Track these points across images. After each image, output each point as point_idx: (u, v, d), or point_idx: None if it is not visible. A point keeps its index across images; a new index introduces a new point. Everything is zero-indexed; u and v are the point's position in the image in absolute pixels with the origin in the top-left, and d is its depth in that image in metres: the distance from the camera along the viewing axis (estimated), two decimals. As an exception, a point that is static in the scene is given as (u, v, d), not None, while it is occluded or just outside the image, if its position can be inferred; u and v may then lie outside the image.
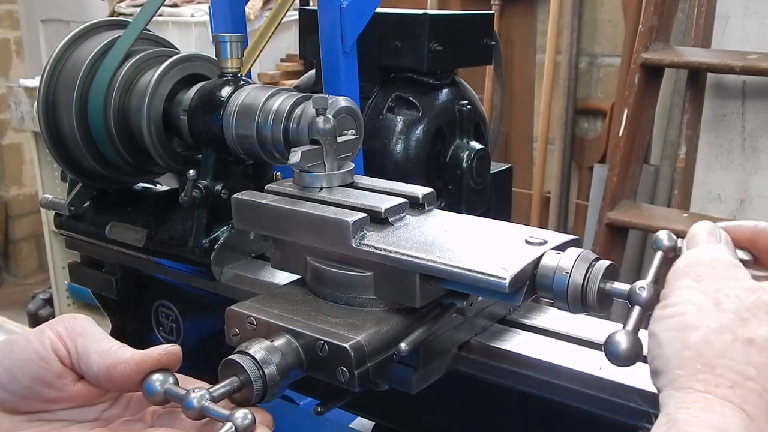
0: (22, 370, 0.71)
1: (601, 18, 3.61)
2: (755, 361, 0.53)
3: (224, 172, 1.02)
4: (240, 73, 1.01)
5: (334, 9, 1.32)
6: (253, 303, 0.81)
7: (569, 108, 3.66)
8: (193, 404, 0.67)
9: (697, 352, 0.55)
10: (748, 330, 0.55)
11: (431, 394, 0.83)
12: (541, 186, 3.80)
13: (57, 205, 1.18)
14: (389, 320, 0.77)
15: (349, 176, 0.87)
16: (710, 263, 0.62)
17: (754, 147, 2.89)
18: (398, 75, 1.45)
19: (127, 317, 1.20)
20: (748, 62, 2.67)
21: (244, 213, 0.85)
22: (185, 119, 1.02)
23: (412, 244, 0.75)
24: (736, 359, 0.54)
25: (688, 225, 2.58)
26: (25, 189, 5.31)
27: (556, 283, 0.70)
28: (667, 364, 0.57)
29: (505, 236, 0.77)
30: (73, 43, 1.10)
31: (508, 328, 0.86)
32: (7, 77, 5.04)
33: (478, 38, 1.53)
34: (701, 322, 0.57)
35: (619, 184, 2.96)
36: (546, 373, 0.78)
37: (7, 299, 4.95)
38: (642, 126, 2.99)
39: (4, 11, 5.13)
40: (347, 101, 0.92)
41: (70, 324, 0.73)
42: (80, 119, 1.06)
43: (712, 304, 0.58)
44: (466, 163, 1.43)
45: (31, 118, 3.71)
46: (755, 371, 0.53)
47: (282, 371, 0.72)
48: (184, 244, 1.04)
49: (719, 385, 0.53)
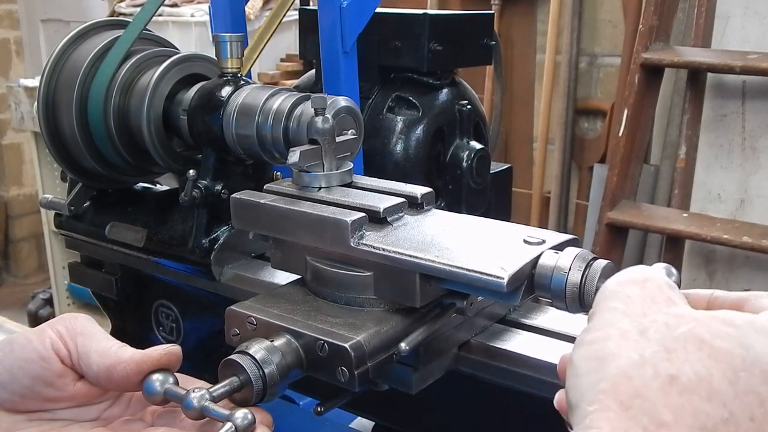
0: (22, 369, 0.71)
1: (601, 18, 3.62)
2: (674, 404, 0.46)
3: (224, 172, 1.02)
4: (240, 73, 1.01)
5: (334, 9, 1.32)
6: (253, 303, 0.81)
7: (569, 108, 3.66)
8: (193, 404, 0.67)
9: (613, 386, 0.48)
10: (672, 365, 0.47)
11: (431, 394, 0.83)
12: (541, 186, 3.80)
13: (57, 205, 1.18)
14: (389, 320, 0.77)
15: (347, 176, 0.87)
16: (642, 283, 0.54)
17: (754, 147, 2.89)
18: (398, 75, 1.45)
19: (127, 317, 1.20)
20: (748, 62, 2.67)
21: (242, 213, 0.85)
22: (185, 119, 1.02)
23: (410, 244, 0.75)
24: (653, 400, 0.46)
25: (688, 225, 2.59)
26: (25, 189, 5.31)
27: (554, 282, 0.70)
28: (580, 397, 0.50)
29: (504, 236, 0.77)
30: (73, 43, 1.10)
31: (508, 327, 0.86)
32: (7, 77, 5.05)
33: (478, 38, 1.53)
34: (623, 351, 0.49)
35: (619, 184, 2.96)
36: (546, 373, 0.78)
37: (7, 299, 4.95)
38: (642, 126, 2.99)
39: (4, 11, 5.13)
40: (347, 101, 0.92)
41: (71, 323, 0.73)
42: (80, 119, 1.06)
43: (638, 331, 0.50)
44: (466, 163, 1.43)
45: (31, 118, 3.72)
46: (672, 416, 0.45)
47: (282, 371, 0.72)
48: (184, 244, 1.04)
49: (630, 428, 0.46)
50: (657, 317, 0.51)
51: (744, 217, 2.89)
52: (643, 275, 0.55)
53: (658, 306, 0.52)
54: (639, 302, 0.52)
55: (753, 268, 2.88)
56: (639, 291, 0.53)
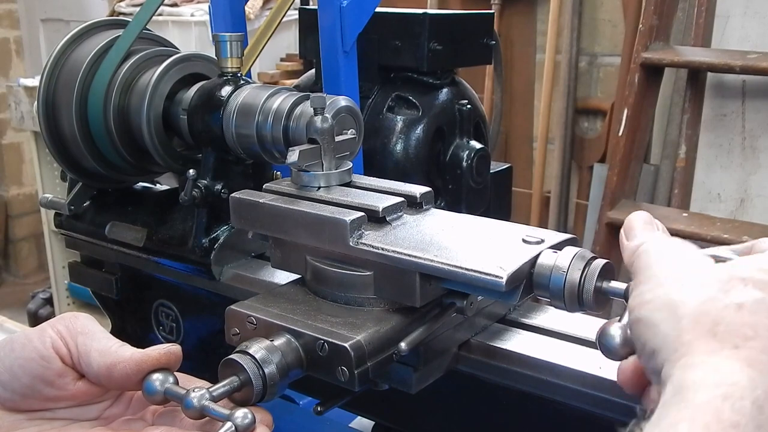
0: (22, 368, 0.71)
1: (601, 18, 3.61)
2: (750, 322, 0.55)
3: (224, 171, 1.02)
4: (240, 73, 1.01)
5: (334, 9, 1.32)
6: (253, 302, 0.81)
7: (569, 108, 3.66)
8: (193, 404, 0.67)
9: (694, 320, 0.56)
10: (735, 297, 0.56)
11: (431, 394, 0.83)
12: (541, 186, 3.80)
13: (57, 204, 1.18)
14: (389, 320, 0.77)
15: (347, 175, 0.87)
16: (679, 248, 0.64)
17: (754, 147, 2.89)
18: (398, 74, 1.45)
19: (127, 317, 1.20)
20: (748, 62, 2.67)
21: (241, 212, 0.85)
22: (185, 119, 1.02)
23: (409, 243, 0.75)
24: (733, 322, 0.55)
25: (688, 224, 2.58)
26: (25, 189, 5.31)
27: (553, 281, 0.70)
28: (664, 339, 0.57)
29: (503, 235, 0.77)
30: (73, 42, 1.10)
31: (508, 327, 0.86)
32: (7, 77, 5.04)
33: (478, 38, 1.53)
34: (688, 297, 0.57)
35: (619, 184, 2.96)
36: (546, 373, 0.78)
37: (7, 299, 4.95)
38: (642, 125, 2.99)
39: (4, 11, 5.13)
40: (347, 101, 0.92)
41: (71, 322, 0.73)
42: (80, 119, 1.06)
43: (693, 281, 0.59)
44: (466, 162, 1.43)
45: (31, 118, 3.72)
46: (752, 332, 0.54)
47: (282, 371, 0.72)
48: (184, 243, 1.04)
49: (723, 347, 0.54)
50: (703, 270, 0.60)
51: (744, 216, 2.89)
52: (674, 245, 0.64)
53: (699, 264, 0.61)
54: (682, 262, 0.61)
55: (753, 267, 2.87)
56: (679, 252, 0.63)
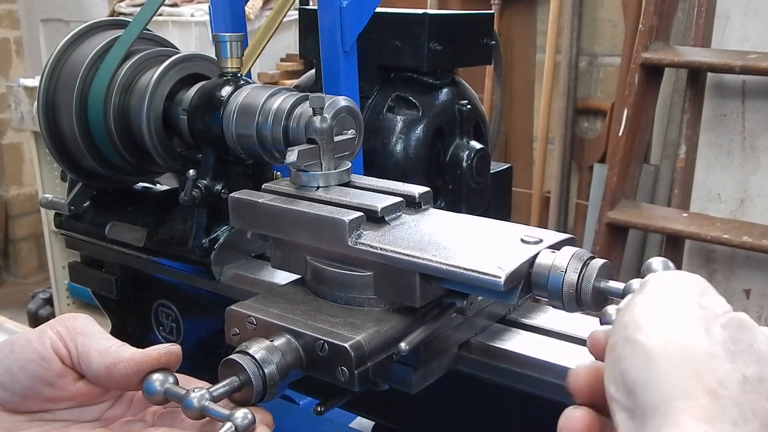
0: (22, 369, 0.71)
1: (601, 18, 3.62)
2: (750, 401, 0.48)
3: (224, 171, 1.02)
4: (240, 73, 1.01)
5: (334, 9, 1.32)
6: (253, 303, 0.81)
7: (569, 108, 3.66)
8: (193, 404, 0.67)
9: (697, 372, 0.48)
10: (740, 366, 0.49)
11: (431, 394, 0.83)
12: (541, 186, 3.80)
13: (57, 204, 1.18)
14: (389, 320, 0.77)
15: (345, 175, 0.87)
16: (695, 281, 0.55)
17: (754, 147, 2.88)
18: (398, 75, 1.45)
19: (127, 317, 1.20)
20: (748, 62, 2.67)
21: (241, 212, 0.85)
22: (185, 119, 1.02)
23: (408, 243, 0.75)
24: (737, 393, 0.48)
25: (688, 224, 2.58)
26: (25, 189, 5.31)
27: (551, 281, 0.70)
28: (657, 377, 0.48)
29: (501, 235, 0.77)
30: (73, 42, 1.10)
31: (508, 327, 0.86)
32: (7, 77, 5.04)
33: (478, 38, 1.53)
34: (694, 341, 0.49)
35: (619, 184, 2.96)
36: (546, 373, 0.78)
37: (7, 299, 4.95)
38: (642, 126, 2.99)
39: (4, 11, 5.13)
40: (347, 101, 0.92)
41: (71, 323, 0.73)
42: (80, 119, 1.06)
43: (701, 325, 0.51)
44: (466, 162, 1.43)
45: (31, 118, 3.72)
46: (751, 412, 0.47)
47: (282, 371, 0.72)
48: (184, 243, 1.04)
49: (722, 419, 0.46)
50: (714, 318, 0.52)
51: (744, 216, 2.88)
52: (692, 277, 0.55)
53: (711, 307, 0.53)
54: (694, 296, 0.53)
55: (753, 267, 2.88)
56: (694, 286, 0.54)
